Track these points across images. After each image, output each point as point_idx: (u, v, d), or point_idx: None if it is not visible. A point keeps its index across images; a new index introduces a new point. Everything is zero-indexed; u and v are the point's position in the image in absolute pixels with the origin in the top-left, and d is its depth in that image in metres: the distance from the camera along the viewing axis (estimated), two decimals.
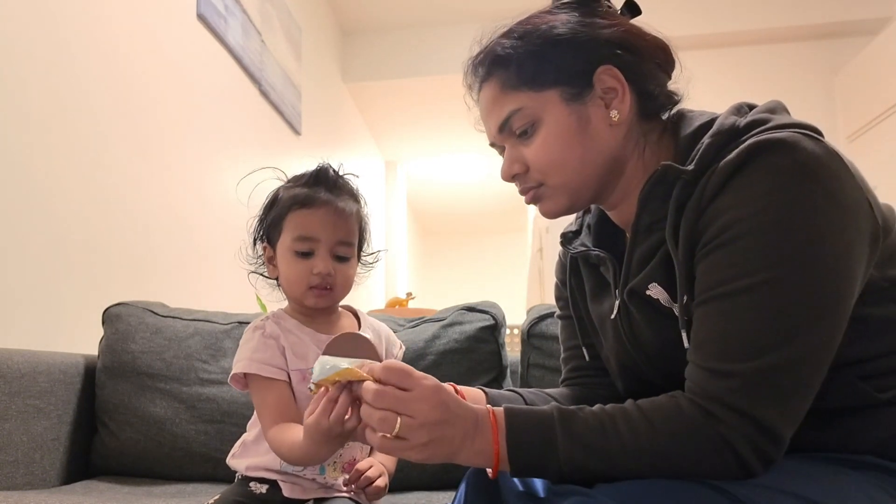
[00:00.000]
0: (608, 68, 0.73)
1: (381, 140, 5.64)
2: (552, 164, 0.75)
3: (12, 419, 1.14)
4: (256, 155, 2.83)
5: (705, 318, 0.64)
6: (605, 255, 0.81)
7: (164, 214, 2.06)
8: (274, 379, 0.88)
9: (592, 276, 0.86)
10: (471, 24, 3.84)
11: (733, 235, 0.62)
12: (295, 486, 0.89)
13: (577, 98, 0.74)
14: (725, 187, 0.64)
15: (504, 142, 0.80)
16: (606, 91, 0.74)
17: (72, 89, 1.63)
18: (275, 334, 0.90)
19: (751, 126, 0.67)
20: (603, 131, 0.74)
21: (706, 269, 0.65)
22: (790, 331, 0.60)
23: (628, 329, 0.78)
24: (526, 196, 0.80)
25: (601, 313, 0.84)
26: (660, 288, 0.71)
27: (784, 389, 0.60)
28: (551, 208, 0.79)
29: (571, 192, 0.77)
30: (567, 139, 0.74)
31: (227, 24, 2.47)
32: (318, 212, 0.90)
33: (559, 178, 0.76)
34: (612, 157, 0.76)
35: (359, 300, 4.28)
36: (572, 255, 0.88)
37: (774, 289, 0.60)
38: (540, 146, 0.75)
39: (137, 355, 1.33)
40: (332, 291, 0.91)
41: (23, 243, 1.46)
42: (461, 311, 1.37)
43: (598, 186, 0.77)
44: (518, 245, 8.00)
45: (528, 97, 0.75)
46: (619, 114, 0.74)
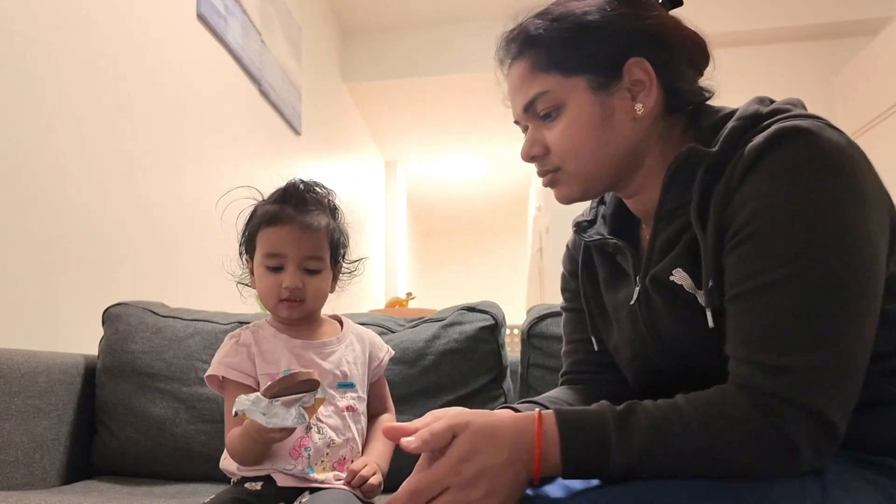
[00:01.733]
0: (639, 61, 0.73)
1: (380, 140, 5.64)
2: (570, 151, 0.75)
3: (12, 419, 1.14)
4: (256, 155, 2.83)
5: (746, 311, 0.63)
6: (623, 244, 0.80)
7: (164, 214, 2.06)
8: (240, 384, 0.94)
9: (607, 265, 0.86)
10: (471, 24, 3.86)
11: (762, 225, 0.62)
12: (288, 477, 0.90)
13: (604, 87, 0.74)
14: (751, 172, 0.64)
15: (528, 122, 0.80)
16: (634, 83, 0.74)
17: (71, 89, 1.63)
18: (247, 342, 0.96)
19: (773, 113, 0.68)
20: (625, 123, 0.74)
21: (738, 261, 0.64)
22: (835, 322, 0.59)
23: (647, 316, 0.77)
24: (543, 179, 0.81)
25: (616, 302, 0.83)
26: (684, 274, 0.71)
27: (839, 382, 0.59)
28: (565, 194, 0.79)
29: (586, 181, 0.77)
30: (588, 128, 0.74)
31: (227, 24, 2.47)
32: (283, 229, 0.94)
33: (575, 166, 0.76)
34: (632, 150, 0.76)
35: (359, 301, 4.28)
36: (587, 243, 0.88)
37: (811, 280, 0.60)
38: (561, 132, 0.75)
39: (137, 355, 1.33)
40: (302, 303, 0.95)
41: (23, 243, 1.46)
42: (461, 311, 1.37)
43: (614, 177, 0.77)
44: (518, 245, 8.00)
45: (555, 81, 0.75)
46: (644, 107, 0.74)
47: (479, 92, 4.69)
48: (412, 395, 1.29)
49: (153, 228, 1.99)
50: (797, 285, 0.60)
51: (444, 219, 8.27)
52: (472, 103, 4.84)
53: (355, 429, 0.96)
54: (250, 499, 0.88)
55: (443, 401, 1.29)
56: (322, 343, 0.99)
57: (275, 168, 3.02)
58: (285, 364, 0.95)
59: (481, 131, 5.47)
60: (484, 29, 4.23)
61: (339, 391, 0.96)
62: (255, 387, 0.95)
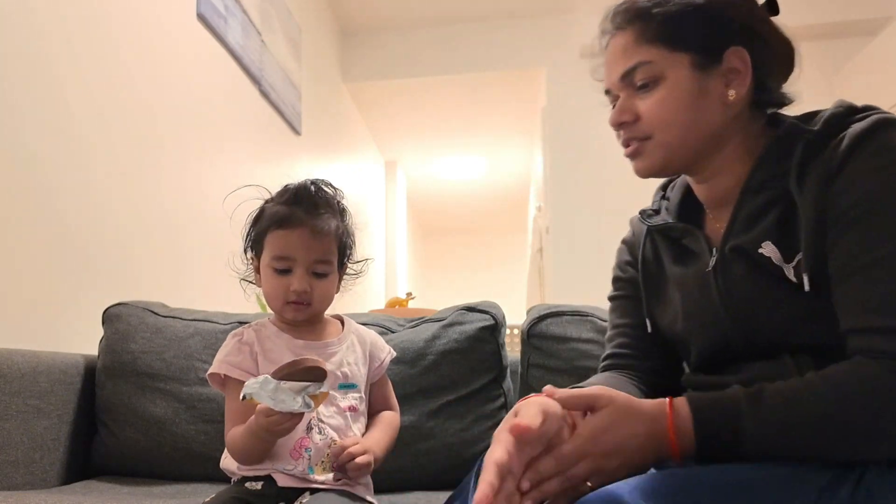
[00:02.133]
0: (739, 50, 0.77)
1: (380, 140, 5.64)
2: (663, 120, 0.79)
3: (12, 419, 1.14)
4: (256, 155, 2.83)
5: (870, 282, 0.66)
6: (692, 227, 0.85)
7: (165, 214, 2.06)
8: (242, 382, 0.92)
9: (672, 248, 0.89)
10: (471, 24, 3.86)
11: (882, 202, 0.66)
12: (288, 477, 0.90)
13: (704, 68, 0.77)
14: (855, 154, 0.69)
15: (621, 90, 0.83)
16: (731, 70, 0.78)
17: (71, 89, 1.63)
18: (250, 341, 0.96)
19: (866, 108, 0.73)
20: (716, 106, 0.78)
21: (858, 236, 0.67)
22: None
23: (722, 284, 0.79)
24: (627, 149, 0.84)
25: (684, 275, 0.85)
26: (773, 247, 0.74)
27: None
28: (647, 165, 0.83)
29: (670, 153, 0.80)
30: (683, 102, 0.78)
31: (227, 24, 2.47)
32: (294, 232, 0.93)
33: (664, 136, 0.80)
34: (717, 133, 0.79)
35: (359, 301, 4.28)
36: (652, 227, 0.91)
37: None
38: (657, 101, 0.79)
39: (137, 355, 1.33)
40: (309, 306, 0.96)
41: (23, 243, 1.46)
42: (461, 311, 1.37)
43: (695, 155, 0.81)
44: (518, 245, 8.00)
45: (660, 53, 0.78)
46: (736, 95, 0.78)
47: (480, 92, 4.69)
48: (412, 395, 1.29)
49: (153, 228, 1.99)
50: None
51: (444, 219, 8.27)
52: (472, 103, 4.84)
53: (356, 429, 0.96)
54: (251, 498, 0.88)
55: (443, 401, 1.29)
56: (324, 343, 0.99)
57: (275, 168, 3.02)
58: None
59: (481, 131, 5.47)
60: (484, 29, 4.23)
61: (340, 392, 0.96)
62: None
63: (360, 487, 0.94)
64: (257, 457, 0.90)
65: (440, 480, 1.25)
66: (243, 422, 0.90)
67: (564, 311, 1.34)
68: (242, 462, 0.92)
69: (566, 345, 1.30)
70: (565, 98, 3.99)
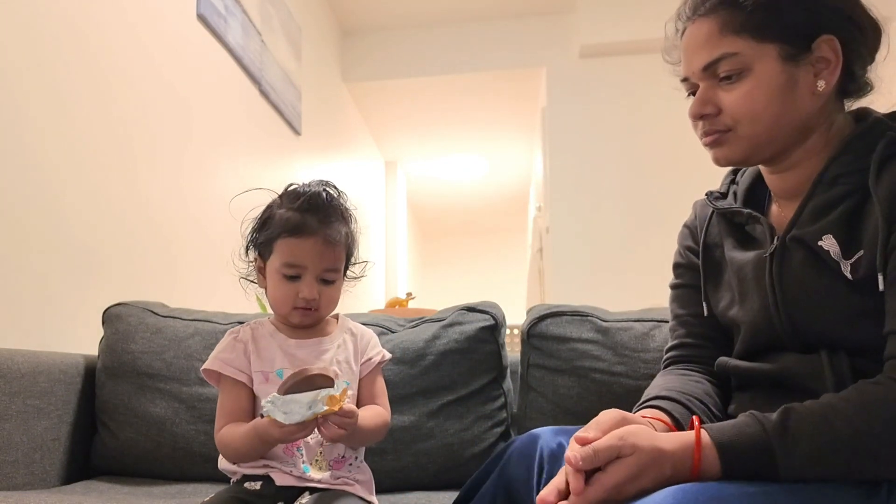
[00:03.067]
0: (830, 38, 0.75)
1: (380, 140, 5.64)
2: (750, 114, 0.77)
3: (12, 419, 1.14)
4: (256, 155, 2.83)
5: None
6: (758, 214, 0.83)
7: (165, 214, 2.06)
8: (234, 380, 0.95)
9: (735, 233, 0.89)
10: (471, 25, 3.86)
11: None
12: (286, 476, 0.90)
13: (793, 59, 0.75)
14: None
15: (702, 80, 0.80)
16: (820, 60, 0.75)
17: (71, 89, 1.63)
18: (245, 339, 0.98)
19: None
20: (805, 97, 0.76)
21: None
22: None
23: (777, 271, 0.78)
24: (707, 139, 0.81)
25: (742, 260, 0.84)
26: (833, 241, 0.73)
27: None
28: (728, 155, 0.81)
29: (755, 145, 0.79)
30: (771, 95, 0.76)
31: (227, 24, 2.47)
32: (307, 242, 0.93)
33: (751, 129, 0.77)
34: (804, 124, 0.78)
35: (359, 301, 4.28)
36: (720, 210, 0.90)
37: None
38: (744, 94, 0.76)
39: (137, 355, 1.33)
40: (317, 311, 0.96)
41: (23, 243, 1.46)
42: (461, 311, 1.37)
43: (780, 147, 0.79)
44: (518, 245, 8.00)
45: (747, 44, 0.76)
46: (826, 85, 0.76)
47: (480, 92, 4.69)
48: (412, 395, 1.29)
49: (153, 228, 1.99)
50: None
51: (444, 219, 8.27)
52: (472, 103, 4.84)
53: None
54: (249, 498, 0.88)
55: (443, 401, 1.29)
56: (316, 342, 0.99)
57: (275, 168, 3.02)
58: (279, 363, 0.96)
59: (481, 131, 5.47)
60: (484, 29, 4.23)
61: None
62: (248, 384, 0.96)
63: (359, 487, 0.94)
64: (252, 458, 0.91)
65: (440, 480, 1.25)
66: (234, 419, 0.93)
67: (564, 311, 1.34)
68: (234, 461, 0.93)
69: (566, 345, 1.30)
70: (565, 98, 3.99)
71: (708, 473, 0.64)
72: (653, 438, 0.66)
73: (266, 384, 0.94)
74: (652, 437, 0.66)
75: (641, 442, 0.64)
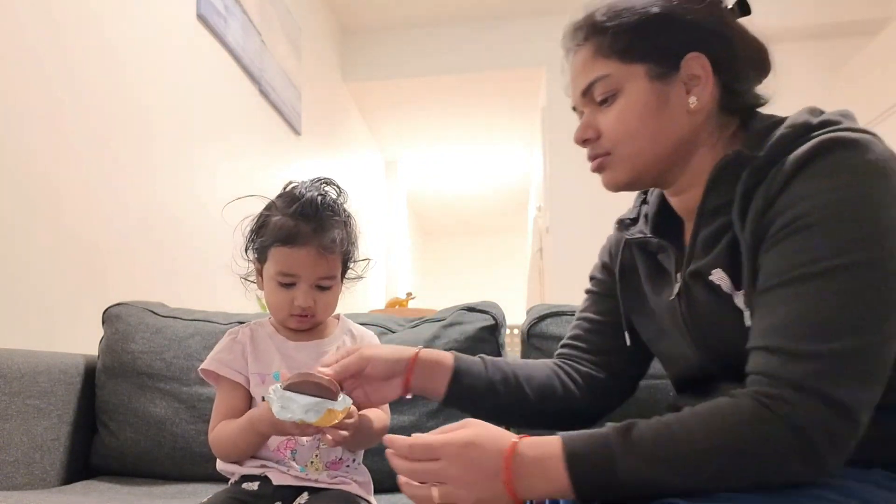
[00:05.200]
0: (698, 56, 0.75)
1: (381, 140, 5.64)
2: (624, 135, 0.77)
3: (12, 419, 1.14)
4: (256, 155, 2.83)
5: (777, 302, 0.64)
6: (665, 243, 0.82)
7: (164, 214, 2.06)
8: (231, 381, 0.95)
9: (648, 263, 0.87)
10: (470, 25, 3.86)
11: (806, 223, 0.63)
12: (284, 475, 0.90)
13: (662, 77, 0.76)
14: (796, 178, 0.65)
15: (584, 107, 0.82)
16: (691, 77, 0.76)
17: (72, 89, 1.63)
18: (243, 340, 0.98)
19: (823, 124, 0.69)
20: (679, 115, 0.76)
21: (777, 256, 0.65)
22: (868, 315, 0.60)
23: (686, 312, 0.78)
24: (592, 164, 0.82)
25: (658, 299, 0.84)
26: (722, 274, 0.72)
27: (866, 372, 0.60)
28: (613, 179, 0.81)
29: (636, 167, 0.79)
30: (643, 114, 0.76)
31: (227, 24, 2.47)
32: (299, 252, 0.92)
33: (628, 149, 0.78)
34: (683, 141, 0.77)
35: (359, 301, 4.28)
36: (629, 240, 0.89)
37: (850, 274, 0.61)
38: (616, 116, 0.78)
39: (137, 355, 1.33)
40: (313, 317, 0.96)
41: (23, 243, 1.46)
42: (461, 311, 1.37)
43: (663, 167, 0.79)
44: (518, 245, 8.00)
45: (616, 66, 0.77)
46: (698, 102, 0.75)
47: (479, 92, 4.69)
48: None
49: (153, 228, 1.99)
50: (835, 278, 0.61)
51: (444, 219, 8.27)
52: (472, 103, 4.85)
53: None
54: (247, 499, 0.88)
55: None
56: (314, 344, 0.99)
57: (275, 168, 3.02)
58: (276, 365, 0.96)
59: (481, 131, 5.47)
60: (484, 29, 4.23)
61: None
62: (245, 385, 0.96)
63: (357, 486, 0.94)
64: (242, 453, 0.92)
65: None
66: (227, 417, 0.93)
67: (564, 311, 1.34)
68: (224, 458, 0.93)
69: None
70: (565, 98, 3.97)
71: (520, 477, 0.64)
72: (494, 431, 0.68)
73: (262, 386, 0.94)
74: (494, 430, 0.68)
75: (451, 446, 0.66)
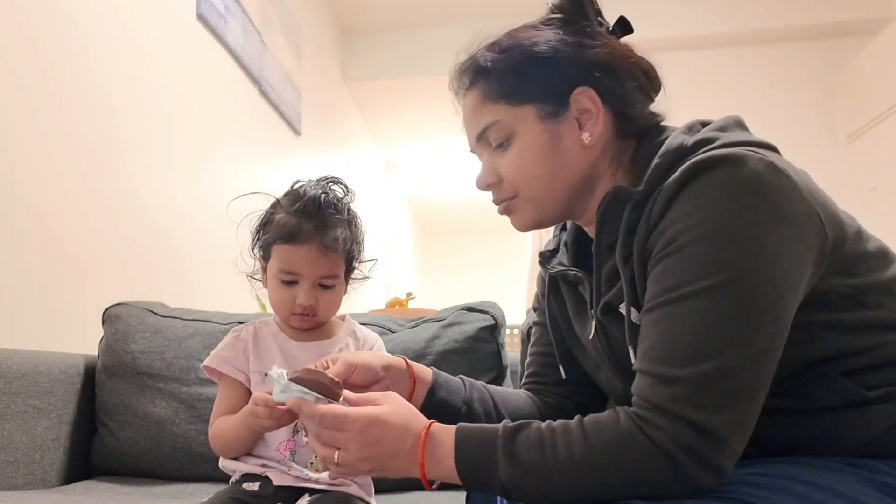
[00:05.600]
0: (585, 90, 0.74)
1: (380, 140, 5.64)
2: (524, 178, 0.77)
3: (12, 419, 1.14)
4: (256, 155, 2.83)
5: (651, 325, 0.65)
6: (583, 275, 0.82)
7: (164, 214, 2.06)
8: (232, 378, 0.95)
9: (572, 296, 0.87)
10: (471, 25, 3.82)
11: (678, 246, 0.63)
12: (284, 476, 0.90)
13: (552, 116, 0.75)
14: (671, 205, 0.65)
15: (482, 151, 0.81)
16: (582, 112, 0.75)
17: (71, 89, 1.63)
18: (246, 339, 0.98)
19: (698, 145, 0.69)
20: (575, 151, 0.75)
21: (653, 280, 0.66)
22: (731, 336, 0.60)
23: (606, 346, 0.79)
24: (499, 207, 0.82)
25: (584, 332, 0.84)
26: (631, 307, 0.72)
27: (727, 394, 0.60)
28: (521, 220, 0.81)
29: (540, 207, 0.79)
30: (538, 155, 0.75)
31: (226, 24, 2.47)
32: (301, 250, 0.92)
33: (529, 192, 0.77)
34: (583, 176, 0.77)
35: (359, 301, 4.28)
36: (551, 274, 0.89)
37: (715, 295, 0.61)
38: (512, 159, 0.77)
39: (137, 355, 1.33)
40: (315, 317, 0.96)
41: (23, 243, 1.46)
42: (461, 311, 1.37)
43: (567, 204, 0.78)
44: (518, 245, 7.99)
45: (505, 111, 0.76)
46: (592, 136, 0.75)
47: None
48: None
49: (153, 228, 1.99)
50: (701, 300, 0.61)
51: (445, 219, 8.27)
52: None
53: None
54: (247, 499, 0.88)
55: None
56: (317, 345, 0.99)
57: (275, 168, 3.02)
58: (278, 364, 0.95)
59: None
60: (484, 29, 4.22)
61: None
62: (246, 383, 0.96)
63: (357, 488, 0.94)
64: (236, 449, 0.92)
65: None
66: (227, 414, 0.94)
67: None
68: (220, 452, 0.94)
69: None
70: None
71: (434, 460, 0.68)
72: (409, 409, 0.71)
73: (263, 385, 0.94)
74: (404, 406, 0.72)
75: (359, 422, 0.69)
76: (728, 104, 0.78)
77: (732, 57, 3.86)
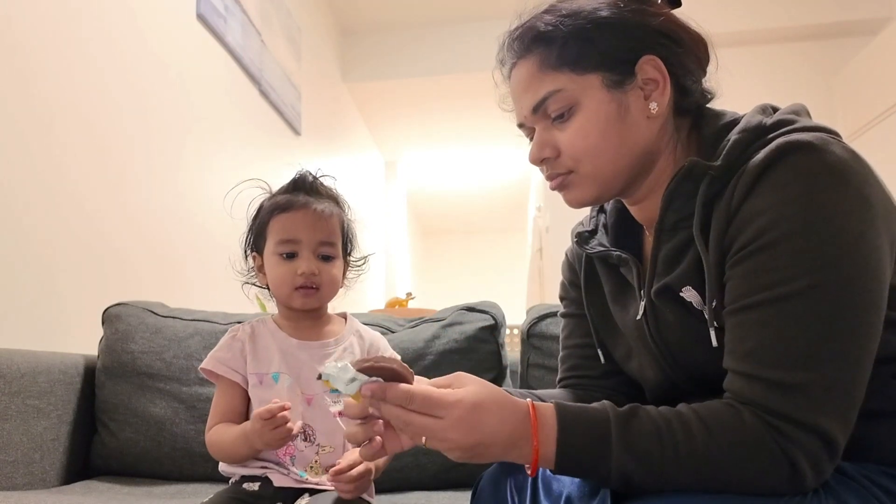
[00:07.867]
0: (652, 58, 0.71)
1: (380, 140, 5.64)
2: (587, 151, 0.72)
3: (12, 419, 1.14)
4: (256, 155, 2.83)
5: (753, 325, 0.61)
6: (627, 256, 0.78)
7: (165, 214, 2.06)
8: (229, 380, 0.95)
9: (612, 278, 0.83)
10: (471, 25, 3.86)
11: (770, 240, 0.60)
12: (284, 477, 0.91)
13: (619, 85, 0.71)
14: (756, 188, 0.62)
15: (536, 123, 0.76)
16: (647, 82, 0.72)
17: (71, 90, 1.63)
18: (242, 339, 0.97)
19: (777, 125, 0.66)
20: (640, 122, 0.72)
21: (744, 274, 0.63)
22: (845, 337, 0.58)
23: (655, 330, 0.75)
24: (552, 182, 0.77)
25: (625, 315, 0.81)
26: (694, 291, 0.69)
27: (845, 399, 0.58)
28: (578, 197, 0.76)
29: (602, 182, 0.74)
30: (605, 127, 0.71)
31: (226, 24, 2.47)
32: (297, 214, 0.94)
33: (592, 167, 0.73)
34: (647, 150, 0.73)
35: (359, 300, 4.28)
36: (589, 255, 0.85)
37: (821, 294, 0.58)
38: (576, 132, 0.72)
39: (137, 355, 1.33)
40: (318, 291, 0.95)
41: (23, 243, 1.46)
42: (461, 311, 1.37)
43: (628, 179, 0.74)
44: (518, 245, 8.00)
45: (568, 79, 0.71)
46: (658, 106, 0.71)
47: (480, 92, 4.69)
48: None
49: (153, 228, 1.99)
50: (805, 300, 0.59)
51: (444, 219, 8.27)
52: (472, 103, 4.84)
53: None
54: (248, 499, 0.88)
55: None
56: (320, 344, 0.98)
57: (275, 168, 3.02)
58: (276, 366, 0.95)
59: (481, 131, 5.47)
60: (484, 29, 4.22)
61: (332, 396, 0.94)
62: (243, 385, 0.95)
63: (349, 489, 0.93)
64: (234, 460, 0.92)
65: (440, 480, 1.25)
66: (226, 419, 0.93)
67: None
68: (222, 460, 0.94)
69: None
70: None
71: (545, 441, 0.61)
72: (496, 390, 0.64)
73: (260, 387, 0.94)
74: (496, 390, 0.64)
75: (458, 408, 0.61)
76: (728, 104, 0.78)
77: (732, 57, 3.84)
